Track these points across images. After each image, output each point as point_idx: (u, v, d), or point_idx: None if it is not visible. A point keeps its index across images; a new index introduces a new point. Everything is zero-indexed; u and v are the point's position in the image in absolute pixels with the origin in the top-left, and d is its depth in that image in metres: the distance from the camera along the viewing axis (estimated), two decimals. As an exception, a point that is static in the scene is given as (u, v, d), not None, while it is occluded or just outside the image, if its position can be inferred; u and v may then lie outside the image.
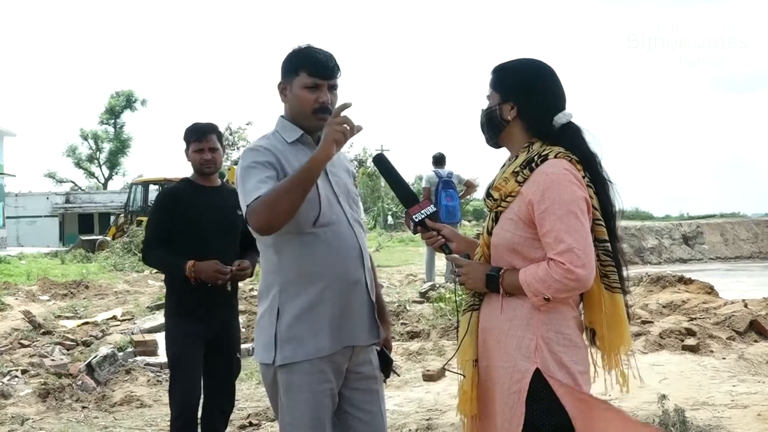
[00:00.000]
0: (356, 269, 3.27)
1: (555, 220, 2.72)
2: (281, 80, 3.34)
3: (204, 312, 4.67)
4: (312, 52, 3.28)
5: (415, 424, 6.06)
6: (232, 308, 4.85)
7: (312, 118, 3.27)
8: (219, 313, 4.72)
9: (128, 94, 66.88)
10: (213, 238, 4.65)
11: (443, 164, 13.92)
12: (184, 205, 4.74)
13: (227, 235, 4.70)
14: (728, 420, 5.80)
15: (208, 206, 4.72)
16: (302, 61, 3.26)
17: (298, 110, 3.30)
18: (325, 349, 3.16)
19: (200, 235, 4.65)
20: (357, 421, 3.32)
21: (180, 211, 4.73)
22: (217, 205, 4.73)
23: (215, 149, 4.76)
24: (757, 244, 36.40)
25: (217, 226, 4.69)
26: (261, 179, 3.10)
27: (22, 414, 6.74)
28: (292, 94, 3.29)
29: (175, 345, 4.78)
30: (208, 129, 4.79)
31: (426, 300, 12.32)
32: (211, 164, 4.76)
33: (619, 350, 2.98)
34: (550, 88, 2.99)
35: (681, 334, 8.69)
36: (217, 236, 4.67)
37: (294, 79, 3.27)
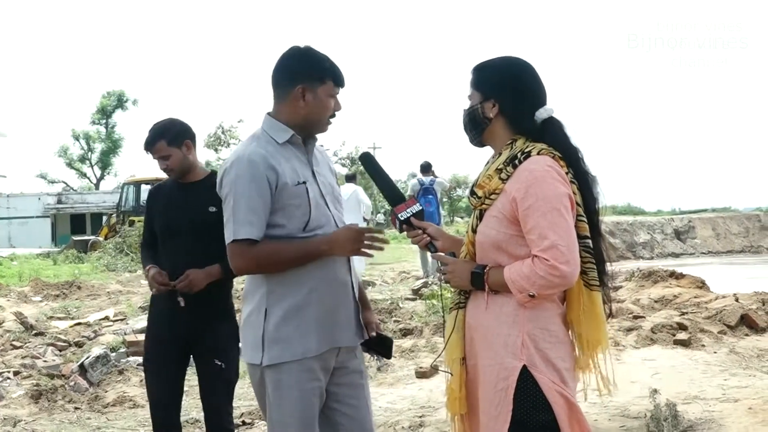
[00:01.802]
0: (343, 271, 3.30)
1: (539, 217, 2.73)
2: (300, 84, 3.24)
3: (173, 316, 4.48)
4: (332, 61, 3.31)
5: (407, 421, 6.07)
6: (212, 311, 4.51)
7: (325, 123, 3.35)
8: (192, 318, 4.44)
9: (119, 94, 66.77)
10: (182, 237, 4.47)
11: (429, 172, 15.37)
12: (160, 203, 4.65)
13: (196, 234, 4.43)
14: (719, 414, 5.81)
15: (181, 204, 4.55)
16: (330, 70, 3.28)
17: (317, 116, 3.29)
18: (313, 350, 3.18)
19: (169, 234, 4.54)
20: (343, 417, 3.34)
21: (156, 209, 4.66)
22: (189, 202, 4.52)
23: (166, 156, 4.50)
24: (749, 238, 36.50)
25: (186, 225, 4.48)
26: (253, 209, 3.13)
27: (15, 415, 6.73)
28: (317, 99, 3.25)
29: (145, 348, 4.76)
30: (151, 140, 4.54)
31: (418, 297, 12.35)
32: (168, 171, 4.56)
33: (596, 350, 2.98)
34: (530, 84, 3.00)
35: (672, 328, 8.70)
36: (186, 235, 4.46)
37: (319, 86, 3.25)
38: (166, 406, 4.60)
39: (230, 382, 4.60)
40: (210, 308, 4.47)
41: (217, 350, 4.48)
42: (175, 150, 4.49)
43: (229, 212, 3.17)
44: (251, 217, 3.11)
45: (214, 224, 4.31)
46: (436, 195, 15.19)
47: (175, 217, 4.52)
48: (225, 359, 4.48)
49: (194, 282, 4.30)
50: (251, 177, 3.14)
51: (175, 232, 4.51)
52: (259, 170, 3.14)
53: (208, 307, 4.46)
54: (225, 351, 4.49)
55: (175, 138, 4.51)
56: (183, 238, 4.46)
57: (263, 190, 3.13)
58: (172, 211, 4.55)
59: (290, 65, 3.29)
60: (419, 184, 15.12)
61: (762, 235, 36.81)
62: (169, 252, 4.51)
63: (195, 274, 4.30)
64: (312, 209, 3.21)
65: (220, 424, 4.54)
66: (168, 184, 4.73)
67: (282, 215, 3.17)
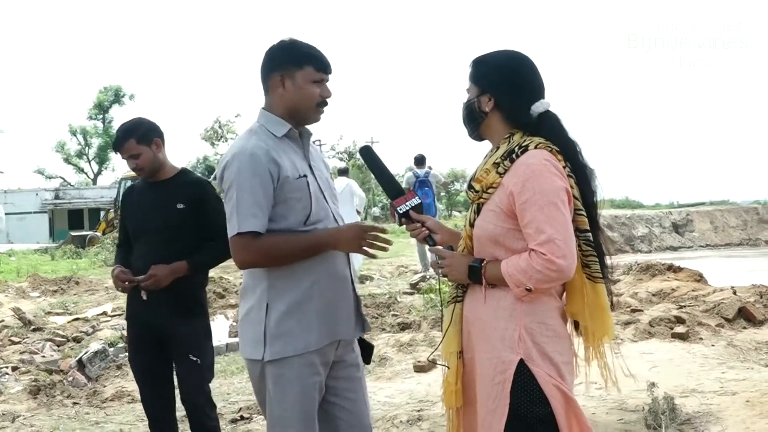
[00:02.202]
0: (342, 265, 3.31)
1: (536, 211, 2.73)
2: (278, 72, 3.27)
3: (145, 314, 4.50)
4: (314, 48, 3.31)
5: (406, 415, 6.07)
6: (182, 307, 4.44)
7: (314, 111, 3.31)
8: (162, 314, 4.42)
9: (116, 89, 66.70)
10: (152, 236, 4.47)
11: (423, 165, 15.56)
12: (132, 204, 4.66)
13: (166, 232, 4.42)
14: (717, 407, 5.82)
15: (150, 203, 4.54)
16: (307, 56, 3.27)
17: (301, 103, 3.28)
18: (314, 343, 3.18)
19: (140, 233, 4.55)
20: (341, 410, 3.35)
21: (128, 210, 4.68)
22: (158, 201, 4.50)
23: (135, 155, 4.46)
24: (747, 231, 36.55)
25: (155, 223, 4.47)
26: (257, 202, 3.12)
27: (13, 411, 6.74)
28: (296, 86, 3.26)
29: (128, 349, 4.81)
30: (119, 140, 4.52)
31: (416, 291, 12.36)
32: (138, 170, 4.52)
33: (602, 341, 3.00)
34: (527, 78, 2.99)
35: (670, 321, 8.71)
36: (155, 234, 4.46)
37: (297, 72, 3.24)
38: (154, 404, 4.61)
39: (207, 376, 4.56)
40: (179, 304, 4.43)
41: (191, 345, 4.45)
42: (145, 148, 4.47)
43: (232, 206, 3.15)
44: (255, 210, 3.10)
45: (182, 221, 4.41)
46: (431, 187, 15.37)
47: (144, 217, 4.53)
48: (199, 354, 4.46)
49: (159, 279, 4.31)
50: (254, 170, 3.13)
51: (145, 232, 4.52)
52: (262, 163, 3.13)
53: (176, 303, 4.42)
54: (199, 346, 4.48)
55: (143, 136, 4.49)
56: (152, 237, 4.46)
57: (266, 183, 3.13)
58: (141, 211, 4.56)
59: (271, 56, 3.32)
60: (414, 176, 15.28)
61: (760, 228, 36.86)
62: (140, 251, 4.51)
63: (160, 270, 4.31)
64: (313, 203, 3.22)
65: (201, 419, 4.51)
66: (140, 184, 4.72)
67: (283, 208, 3.17)
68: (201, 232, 4.45)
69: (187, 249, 4.41)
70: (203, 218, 4.44)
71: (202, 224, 4.44)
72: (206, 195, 4.53)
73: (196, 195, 4.48)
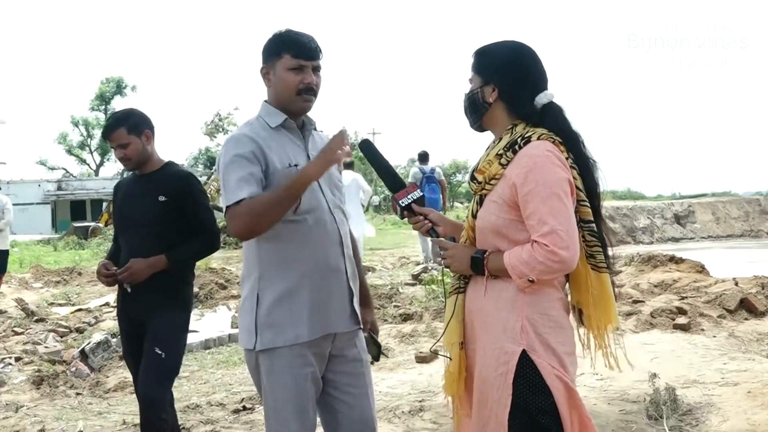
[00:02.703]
0: (336, 256, 3.29)
1: (538, 202, 2.73)
2: (264, 65, 3.33)
3: (128, 308, 4.50)
4: (294, 35, 3.29)
5: (408, 405, 6.09)
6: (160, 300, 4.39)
7: (297, 99, 3.27)
8: (140, 306, 4.41)
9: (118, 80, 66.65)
10: (135, 229, 4.45)
11: (427, 161, 15.74)
12: (119, 196, 4.63)
13: (148, 225, 4.39)
14: (718, 397, 5.83)
15: (135, 196, 4.52)
16: (285, 44, 3.26)
17: (282, 93, 3.28)
18: (304, 335, 3.18)
19: (125, 226, 4.53)
20: (342, 404, 3.35)
21: (116, 203, 4.64)
22: (142, 194, 4.48)
23: (125, 144, 4.43)
24: (749, 222, 36.53)
25: (138, 216, 4.45)
26: (243, 177, 3.09)
27: (17, 401, 6.77)
28: (276, 77, 3.28)
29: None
30: (110, 127, 4.48)
31: (418, 282, 12.39)
32: (125, 161, 4.48)
33: (606, 329, 3.01)
34: (530, 69, 2.99)
35: (672, 312, 8.72)
36: (138, 227, 4.43)
37: (277, 61, 3.26)
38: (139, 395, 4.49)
39: (169, 372, 4.42)
40: (158, 298, 4.37)
41: (159, 338, 4.36)
42: (135, 138, 4.44)
43: (222, 186, 3.15)
44: (241, 182, 3.07)
45: (164, 214, 4.37)
46: (437, 183, 15.42)
47: (128, 210, 4.51)
48: (166, 349, 4.35)
49: (135, 273, 4.29)
50: (237, 150, 3.15)
51: (129, 224, 4.50)
52: (245, 145, 3.16)
53: (156, 297, 4.37)
54: (168, 340, 4.39)
55: (134, 126, 4.46)
56: (136, 230, 4.45)
57: (252, 160, 3.13)
58: (126, 204, 4.54)
59: (262, 50, 3.35)
60: (421, 173, 15.37)
61: (762, 219, 36.83)
62: (125, 244, 4.49)
63: (136, 264, 4.29)
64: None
65: (150, 418, 4.34)
66: (128, 177, 4.72)
67: None
68: (184, 226, 4.41)
69: (169, 242, 4.37)
70: (185, 211, 4.41)
71: (185, 218, 4.41)
72: (189, 188, 4.48)
73: (178, 188, 4.44)
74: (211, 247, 4.57)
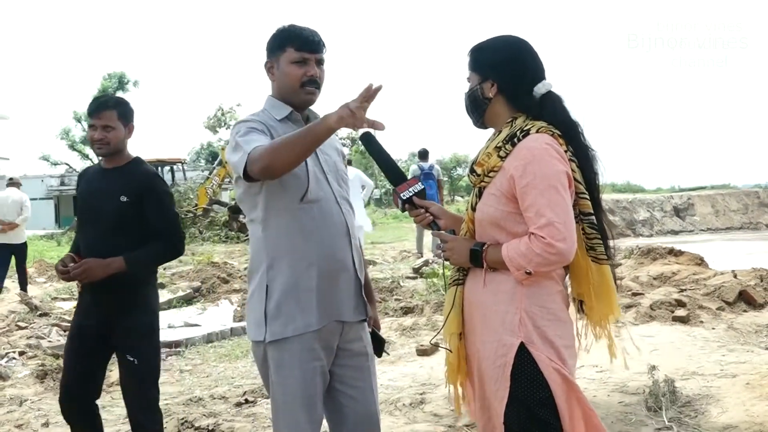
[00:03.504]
0: (342, 246, 3.30)
1: (536, 195, 2.74)
2: (267, 59, 3.36)
3: (87, 306, 4.36)
4: (297, 29, 3.32)
5: (409, 398, 6.12)
6: (123, 304, 4.26)
7: (301, 92, 3.31)
8: (103, 310, 4.27)
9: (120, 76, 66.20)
10: (93, 224, 4.30)
11: (427, 158, 16.53)
12: (81, 190, 4.48)
13: (107, 222, 4.23)
14: (717, 389, 5.86)
15: (97, 191, 4.35)
16: (288, 37, 3.29)
17: (286, 86, 3.32)
18: (314, 323, 3.19)
19: (84, 221, 4.40)
20: (347, 398, 3.36)
21: (80, 194, 4.49)
22: (105, 189, 4.30)
23: (109, 127, 4.27)
24: (747, 214, 36.53)
25: (98, 212, 4.28)
26: (258, 137, 3.10)
27: (21, 395, 6.80)
28: (280, 70, 3.31)
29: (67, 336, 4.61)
30: (103, 105, 4.32)
31: (419, 276, 12.44)
32: (102, 144, 4.28)
33: (608, 320, 3.03)
34: (527, 60, 3.00)
35: (671, 305, 8.75)
36: (97, 223, 4.28)
37: (281, 55, 3.30)
38: (71, 400, 4.40)
39: (146, 378, 4.32)
40: (119, 300, 4.25)
41: (129, 346, 4.26)
42: (121, 126, 4.32)
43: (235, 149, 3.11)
44: (258, 136, 3.09)
45: (123, 213, 4.21)
46: (435, 179, 15.93)
47: (90, 205, 4.37)
48: (138, 355, 4.25)
49: (89, 272, 4.13)
50: (249, 124, 3.19)
51: (88, 219, 4.37)
52: (253, 122, 3.21)
53: (117, 299, 4.24)
54: (138, 346, 4.28)
55: (125, 114, 4.36)
56: (95, 227, 4.31)
57: (262, 131, 3.16)
58: (89, 198, 4.40)
59: (266, 44, 3.38)
60: (420, 169, 15.91)
61: (761, 212, 36.83)
62: (83, 239, 4.36)
63: (92, 263, 4.14)
64: (310, 181, 3.20)
65: (138, 423, 4.30)
66: (93, 168, 4.59)
67: (278, 185, 3.14)
68: (145, 227, 4.27)
69: (128, 242, 4.23)
70: (146, 212, 4.27)
71: (146, 219, 4.27)
72: (151, 187, 4.34)
73: (140, 187, 4.28)
74: (173, 252, 4.44)
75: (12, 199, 13.38)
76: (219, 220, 24.77)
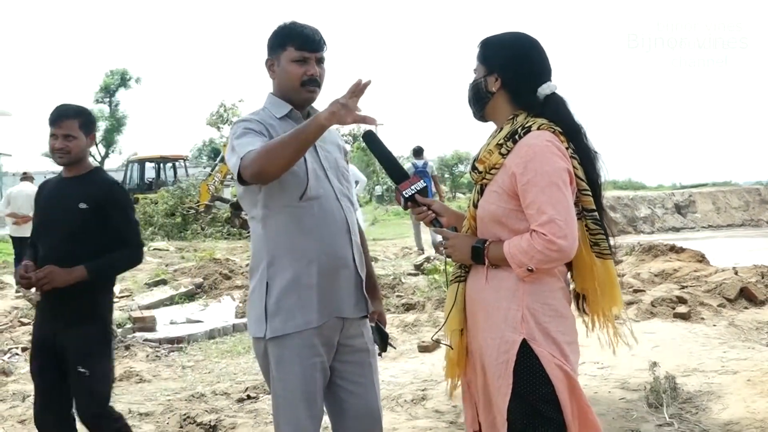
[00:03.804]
0: (343, 243, 3.31)
1: (537, 192, 2.75)
2: (268, 56, 3.38)
3: (42, 317, 4.35)
4: (298, 27, 3.33)
5: (410, 394, 6.14)
6: (76, 314, 4.19)
7: (301, 90, 3.32)
8: (56, 320, 4.22)
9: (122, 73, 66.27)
10: (53, 234, 4.25)
11: (421, 156, 16.81)
12: (40, 198, 4.47)
13: (67, 231, 4.19)
14: (718, 386, 5.87)
15: (56, 200, 4.32)
16: (289, 36, 3.30)
17: (286, 84, 3.33)
18: (314, 320, 3.20)
19: (43, 231, 4.35)
20: (348, 394, 3.37)
21: (39, 205, 4.48)
22: (64, 198, 4.27)
23: (71, 137, 4.23)
24: (749, 212, 36.44)
25: (56, 221, 4.25)
26: (253, 141, 3.10)
27: (23, 391, 6.81)
28: (281, 68, 3.33)
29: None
30: (65, 113, 4.27)
31: (421, 272, 12.45)
32: (63, 153, 4.24)
33: (611, 312, 3.03)
34: (533, 59, 3.01)
35: (672, 302, 8.76)
36: (56, 233, 4.23)
37: (281, 53, 3.31)
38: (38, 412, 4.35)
39: (97, 390, 4.21)
40: (72, 310, 4.18)
41: (80, 357, 4.16)
42: (82, 135, 4.30)
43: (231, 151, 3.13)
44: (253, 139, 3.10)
45: (83, 222, 4.17)
46: (429, 177, 16.07)
47: (48, 214, 4.35)
48: (89, 366, 4.15)
49: (51, 278, 4.08)
50: (249, 126, 3.20)
51: (47, 229, 4.32)
52: (256, 125, 3.21)
53: (70, 309, 4.18)
54: (90, 358, 4.18)
55: (87, 124, 4.34)
56: (52, 235, 4.26)
57: (258, 131, 3.17)
58: (48, 207, 4.37)
59: (267, 42, 3.39)
60: (414, 167, 16.06)
61: (762, 209, 36.74)
62: (43, 249, 4.29)
63: (54, 270, 4.08)
64: (309, 179, 3.21)
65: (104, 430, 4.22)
66: (54, 179, 4.54)
67: (277, 182, 3.13)
68: (105, 236, 4.22)
69: (88, 252, 4.16)
70: (107, 221, 4.22)
71: (107, 228, 4.23)
72: (111, 196, 4.30)
73: (100, 196, 4.23)
74: (134, 260, 4.43)
75: (26, 193, 13.38)
76: (221, 217, 24.78)
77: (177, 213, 24.55)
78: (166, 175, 33.21)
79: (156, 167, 33.66)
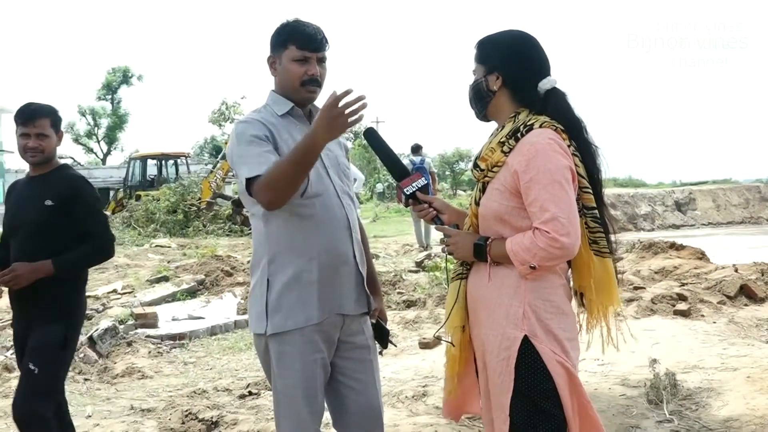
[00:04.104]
0: (344, 240, 3.32)
1: (540, 190, 2.76)
2: (270, 54, 3.38)
3: (15, 313, 4.37)
4: (300, 26, 3.33)
5: (411, 391, 6.15)
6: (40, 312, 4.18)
7: (301, 90, 3.32)
8: (22, 316, 4.28)
9: (124, 70, 66.33)
10: (22, 232, 4.26)
11: (419, 153, 17.02)
12: (10, 199, 4.46)
13: (35, 229, 4.19)
14: (718, 382, 5.88)
15: (24, 199, 4.33)
16: (291, 35, 3.30)
17: (287, 83, 3.34)
18: (314, 317, 3.22)
19: (12, 230, 4.32)
20: (349, 390, 3.39)
21: (8, 206, 4.44)
22: (31, 197, 4.28)
23: (43, 135, 4.24)
24: (749, 209, 36.44)
25: (20, 219, 4.27)
26: (260, 153, 3.11)
27: (26, 387, 6.83)
28: (282, 67, 3.33)
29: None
30: (37, 112, 4.26)
31: (421, 269, 12.47)
32: (36, 152, 4.25)
33: (607, 309, 3.05)
34: (532, 55, 3.02)
35: (672, 299, 8.77)
36: (25, 231, 4.24)
37: (283, 52, 3.31)
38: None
39: (42, 388, 4.13)
40: (37, 308, 4.19)
41: (34, 353, 4.13)
42: (53, 134, 4.32)
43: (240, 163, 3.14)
44: (260, 158, 3.09)
45: (49, 218, 4.18)
46: (426, 173, 15.99)
47: (16, 214, 4.33)
48: (40, 365, 4.10)
49: (18, 275, 4.10)
50: (254, 131, 3.20)
51: (16, 229, 4.31)
52: (260, 128, 3.21)
53: (38, 305, 4.18)
54: (42, 356, 4.13)
55: (57, 123, 4.35)
56: (21, 233, 4.27)
57: (264, 141, 3.17)
58: (15, 208, 4.37)
59: (270, 39, 3.39)
60: (411, 164, 16.17)
61: (762, 207, 36.74)
62: (14, 249, 4.29)
63: (20, 268, 4.10)
64: (311, 176, 3.19)
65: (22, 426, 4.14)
66: (22, 180, 4.55)
67: None
68: (73, 232, 4.23)
69: (56, 248, 4.18)
70: (73, 216, 4.23)
71: (74, 223, 4.23)
72: (77, 192, 4.29)
73: (65, 192, 4.24)
74: (103, 253, 4.41)
75: None
76: (222, 214, 24.78)
77: (179, 210, 24.54)
78: (168, 172, 33.23)
79: (158, 164, 33.69)
